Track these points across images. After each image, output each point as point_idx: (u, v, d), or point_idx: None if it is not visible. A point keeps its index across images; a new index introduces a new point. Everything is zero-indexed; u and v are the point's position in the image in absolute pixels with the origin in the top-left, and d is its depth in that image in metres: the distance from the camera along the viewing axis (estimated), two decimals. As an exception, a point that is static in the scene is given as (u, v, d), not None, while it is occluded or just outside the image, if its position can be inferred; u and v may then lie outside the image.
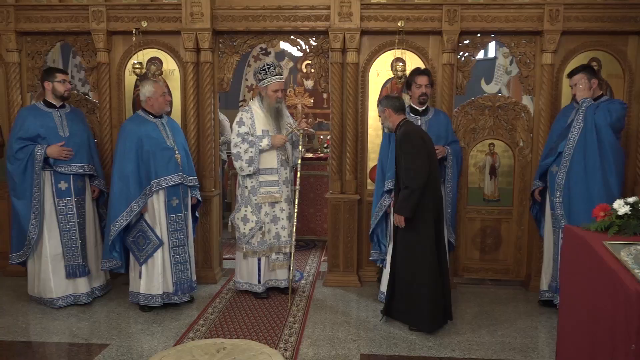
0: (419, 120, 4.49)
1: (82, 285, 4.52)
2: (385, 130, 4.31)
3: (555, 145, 4.33)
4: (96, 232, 4.73)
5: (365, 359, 3.56)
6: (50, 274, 4.41)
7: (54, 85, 4.48)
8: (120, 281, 5.01)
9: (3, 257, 5.28)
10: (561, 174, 4.21)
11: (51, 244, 4.42)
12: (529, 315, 4.38)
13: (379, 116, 4.41)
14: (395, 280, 4.10)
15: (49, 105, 4.52)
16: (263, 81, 4.55)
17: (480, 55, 5.53)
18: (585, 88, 4.17)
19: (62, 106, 4.57)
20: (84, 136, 4.59)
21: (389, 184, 4.38)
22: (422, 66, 4.81)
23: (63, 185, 4.45)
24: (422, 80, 4.44)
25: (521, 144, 4.96)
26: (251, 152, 4.51)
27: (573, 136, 4.15)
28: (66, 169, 4.43)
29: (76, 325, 4.11)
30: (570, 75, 4.32)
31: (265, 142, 4.53)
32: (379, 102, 4.28)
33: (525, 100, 5.58)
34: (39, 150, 4.33)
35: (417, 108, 4.53)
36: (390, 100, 4.13)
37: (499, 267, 5.11)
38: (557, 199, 4.23)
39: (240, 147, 4.52)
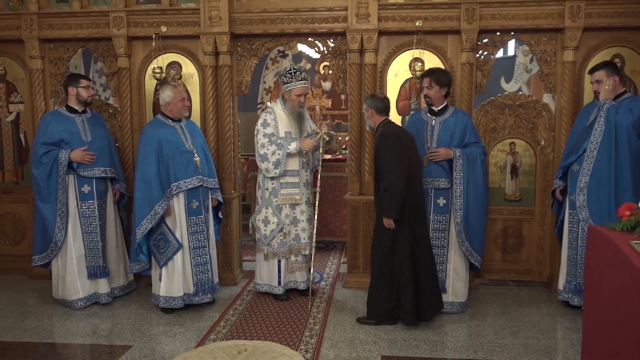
0: (433, 121, 4.40)
1: (102, 286, 4.60)
2: (367, 128, 4.41)
3: (576, 145, 4.27)
4: (117, 234, 4.80)
5: (386, 361, 3.55)
6: (76, 275, 4.49)
7: (78, 91, 4.56)
8: (142, 283, 5.07)
9: (29, 260, 5.38)
10: (584, 177, 4.13)
11: (76, 246, 4.50)
12: (553, 316, 4.31)
13: (363, 113, 4.43)
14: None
15: (72, 110, 4.60)
16: (288, 84, 4.56)
17: (499, 53, 5.47)
18: (610, 90, 4.11)
19: (84, 111, 4.65)
20: (105, 140, 4.67)
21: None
22: (441, 66, 4.78)
23: (86, 188, 4.52)
24: (424, 82, 4.38)
25: (543, 143, 4.89)
26: (279, 154, 4.51)
27: (595, 138, 4.08)
28: (89, 172, 4.50)
29: (99, 327, 4.17)
30: (592, 71, 4.25)
31: (293, 146, 4.53)
32: (365, 101, 4.35)
33: (546, 99, 5.50)
34: (63, 155, 4.40)
35: (433, 108, 4.44)
36: (374, 100, 4.21)
37: (521, 268, 5.04)
38: (580, 201, 4.16)
39: (268, 149, 4.53)
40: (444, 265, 4.33)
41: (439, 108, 4.41)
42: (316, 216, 4.66)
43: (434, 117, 4.42)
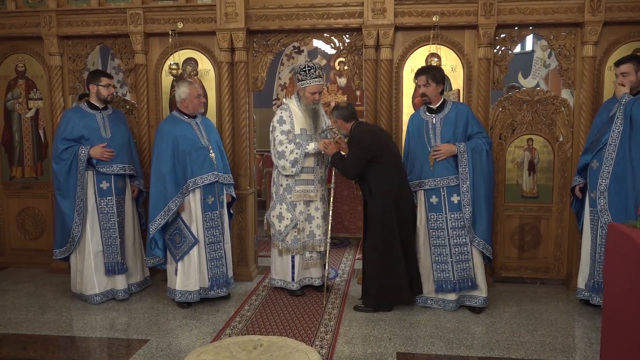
0: (434, 119, 4.33)
1: (120, 282, 4.64)
2: (342, 136, 4.51)
3: (595, 140, 4.20)
4: (134, 230, 4.83)
5: (401, 358, 3.54)
6: (92, 270, 4.54)
7: (98, 89, 4.60)
8: (158, 278, 5.12)
9: (48, 254, 5.47)
10: (604, 179, 4.07)
11: (93, 242, 4.55)
12: (570, 314, 4.26)
13: (333, 125, 4.55)
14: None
15: (92, 106, 4.65)
16: (302, 82, 4.56)
17: (517, 48, 5.41)
18: (627, 85, 4.04)
19: (105, 108, 4.69)
20: (124, 137, 4.70)
21: (430, 183, 4.30)
22: (458, 61, 4.76)
23: (105, 185, 4.57)
24: (419, 80, 4.31)
25: (561, 139, 4.83)
26: (297, 153, 4.51)
27: (614, 140, 4.03)
28: (108, 169, 4.54)
29: (117, 321, 4.22)
30: (618, 64, 4.15)
31: (311, 147, 4.53)
32: (331, 112, 4.52)
33: (565, 94, 5.43)
34: (83, 151, 4.45)
35: (431, 106, 4.37)
36: (339, 110, 4.41)
37: (538, 266, 4.99)
38: (602, 204, 4.08)
39: (286, 147, 4.53)
40: (470, 262, 4.24)
41: (438, 105, 4.35)
42: (331, 212, 4.65)
43: (433, 115, 4.35)
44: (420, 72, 4.36)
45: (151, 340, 3.84)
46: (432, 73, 4.28)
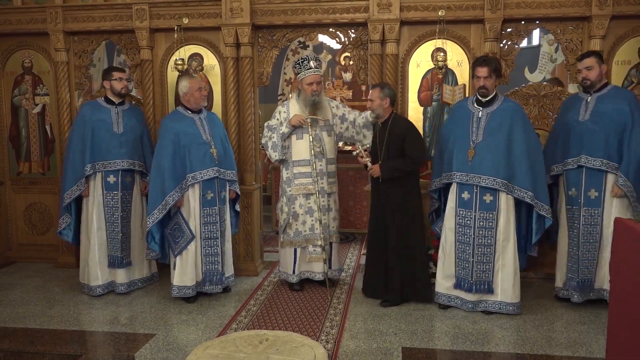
0: (480, 112, 4.10)
1: (120, 276, 4.67)
2: (371, 117, 4.49)
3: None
4: (143, 226, 4.84)
5: (407, 352, 3.54)
6: (96, 261, 4.59)
7: (111, 84, 4.64)
8: (166, 272, 5.13)
9: (55, 249, 5.51)
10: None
11: (99, 234, 4.60)
12: (576, 310, 4.25)
13: (372, 101, 4.32)
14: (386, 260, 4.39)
15: (109, 102, 4.67)
16: (299, 74, 4.60)
17: (523, 43, 5.37)
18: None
19: (121, 103, 4.71)
20: (137, 133, 4.73)
21: (461, 177, 4.11)
22: (464, 56, 4.73)
23: (112, 179, 4.60)
24: (481, 72, 4.02)
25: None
26: (274, 138, 4.59)
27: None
28: (113, 165, 4.58)
29: (124, 316, 4.24)
30: (581, 58, 4.15)
31: (284, 125, 4.60)
32: (382, 88, 4.33)
33: (572, 89, 5.40)
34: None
35: (480, 99, 4.14)
36: (391, 90, 4.38)
37: (544, 261, 4.97)
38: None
39: (265, 136, 4.67)
40: (490, 264, 4.08)
41: (489, 98, 4.11)
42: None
43: (480, 108, 4.13)
44: (481, 63, 4.07)
45: (157, 334, 3.86)
46: (494, 65, 4.05)
